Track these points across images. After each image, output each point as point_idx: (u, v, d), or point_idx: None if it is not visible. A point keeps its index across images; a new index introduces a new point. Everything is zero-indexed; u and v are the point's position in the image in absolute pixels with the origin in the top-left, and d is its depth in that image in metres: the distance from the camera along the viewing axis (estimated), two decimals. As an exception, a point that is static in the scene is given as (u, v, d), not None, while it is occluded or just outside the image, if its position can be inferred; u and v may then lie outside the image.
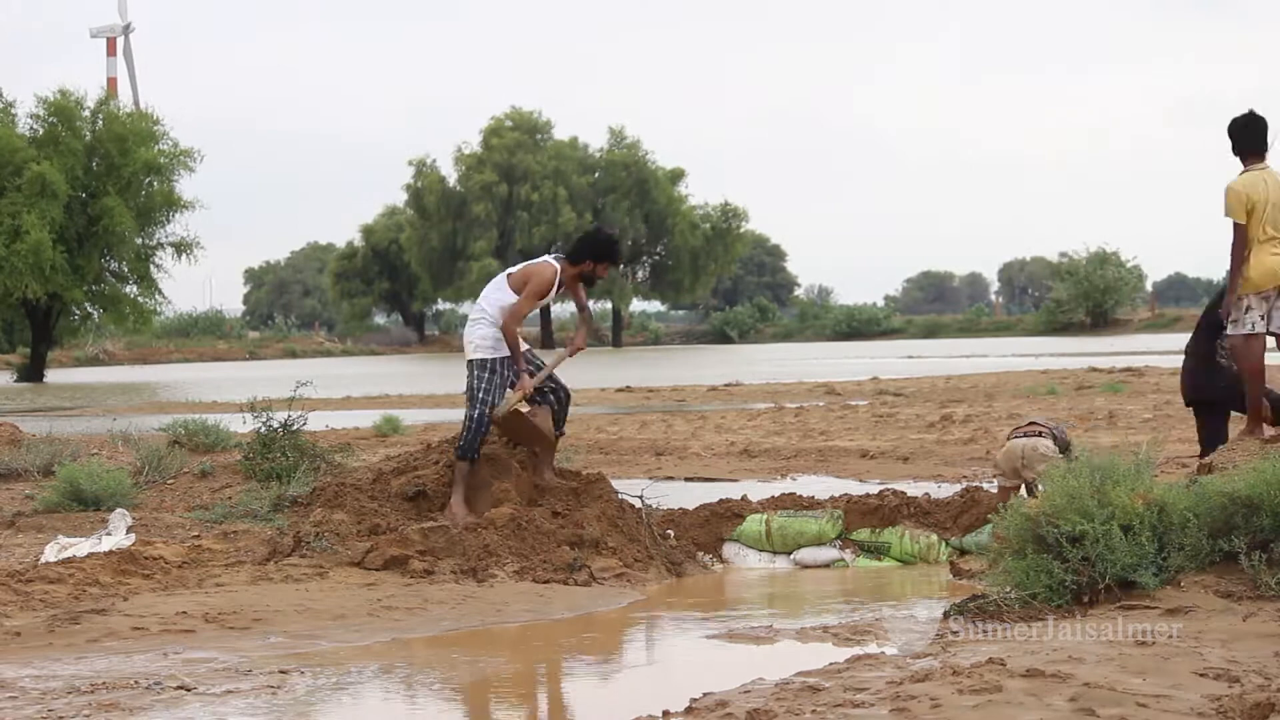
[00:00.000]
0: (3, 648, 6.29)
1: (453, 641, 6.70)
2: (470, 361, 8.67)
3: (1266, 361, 8.81)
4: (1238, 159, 8.67)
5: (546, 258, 8.93)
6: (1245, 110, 8.66)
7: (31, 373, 42.90)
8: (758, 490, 10.59)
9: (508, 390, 8.58)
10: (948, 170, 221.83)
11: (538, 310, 9.17)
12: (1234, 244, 8.60)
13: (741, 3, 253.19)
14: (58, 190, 40.35)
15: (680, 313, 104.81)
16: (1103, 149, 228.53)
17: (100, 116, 43.30)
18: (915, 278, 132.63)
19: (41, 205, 40.15)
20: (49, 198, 40.28)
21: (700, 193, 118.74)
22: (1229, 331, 8.79)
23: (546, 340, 67.47)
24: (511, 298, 8.64)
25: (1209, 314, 9.29)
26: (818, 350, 59.27)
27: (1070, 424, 14.16)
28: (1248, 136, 8.62)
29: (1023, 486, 8.79)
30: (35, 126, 42.97)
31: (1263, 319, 8.63)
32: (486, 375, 8.58)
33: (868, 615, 7.12)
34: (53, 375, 44.60)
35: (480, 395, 8.55)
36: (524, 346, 8.80)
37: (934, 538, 8.78)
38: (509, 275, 8.80)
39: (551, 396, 8.89)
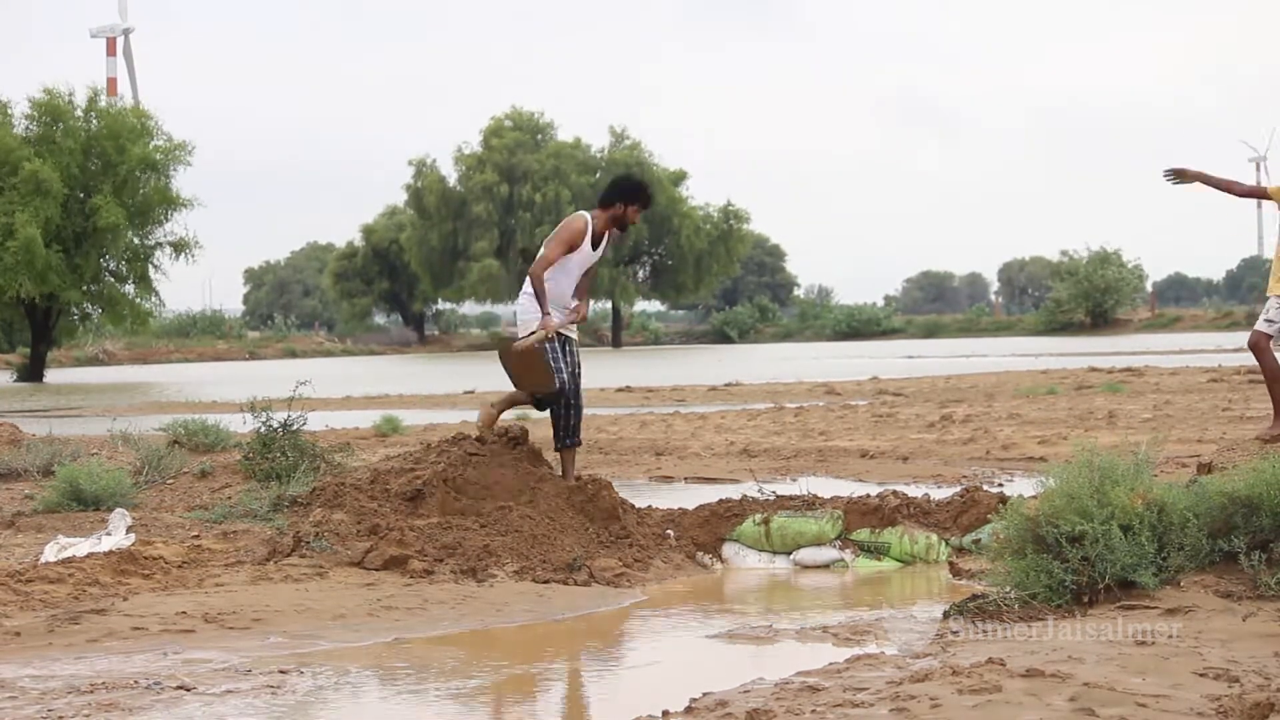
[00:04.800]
0: (3, 648, 6.29)
1: (452, 641, 6.70)
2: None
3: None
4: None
5: (580, 211, 8.92)
6: None
7: (31, 373, 42.88)
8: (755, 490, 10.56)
9: (533, 326, 8.59)
10: (948, 169, 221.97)
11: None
12: None
13: (740, 3, 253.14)
14: (52, 188, 40.32)
15: (680, 313, 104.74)
16: (1102, 148, 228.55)
17: (93, 114, 43.21)
18: (915, 278, 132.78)
19: (36, 203, 40.10)
20: (44, 196, 40.24)
21: (701, 194, 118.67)
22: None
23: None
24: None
25: None
26: (818, 350, 59.24)
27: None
28: None
29: None
30: (30, 126, 42.93)
31: None
32: (546, 345, 8.62)
33: (868, 615, 7.11)
34: (52, 375, 44.58)
35: (550, 365, 8.61)
36: (565, 319, 8.70)
37: (934, 538, 8.78)
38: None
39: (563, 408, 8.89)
